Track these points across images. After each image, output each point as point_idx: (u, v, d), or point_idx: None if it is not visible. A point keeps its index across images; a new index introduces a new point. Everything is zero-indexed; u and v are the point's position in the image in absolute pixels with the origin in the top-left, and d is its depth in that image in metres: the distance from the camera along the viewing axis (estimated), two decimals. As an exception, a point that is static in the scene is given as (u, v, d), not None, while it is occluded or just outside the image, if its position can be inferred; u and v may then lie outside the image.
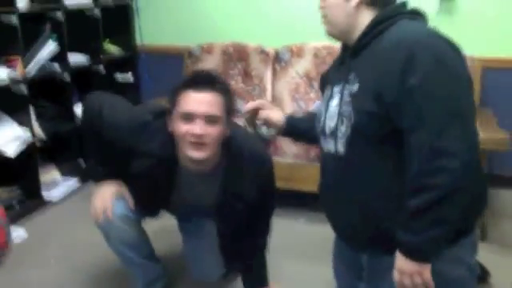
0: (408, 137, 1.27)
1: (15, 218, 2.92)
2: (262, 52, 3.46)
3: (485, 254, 1.86)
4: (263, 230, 2.05)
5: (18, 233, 2.78)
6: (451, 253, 1.35)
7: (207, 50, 3.56)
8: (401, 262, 1.32)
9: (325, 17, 1.45)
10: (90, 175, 2.18)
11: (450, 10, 3.23)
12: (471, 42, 3.15)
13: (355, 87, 1.35)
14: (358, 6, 1.38)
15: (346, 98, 1.37)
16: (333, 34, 1.46)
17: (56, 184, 3.33)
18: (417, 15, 1.40)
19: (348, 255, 1.62)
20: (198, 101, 1.69)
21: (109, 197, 1.97)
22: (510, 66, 3.19)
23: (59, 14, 3.20)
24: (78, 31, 3.38)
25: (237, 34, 3.56)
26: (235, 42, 3.53)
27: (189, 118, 1.70)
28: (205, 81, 1.73)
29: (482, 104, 3.14)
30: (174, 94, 1.75)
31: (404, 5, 1.43)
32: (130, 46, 3.91)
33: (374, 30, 1.36)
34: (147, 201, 2.00)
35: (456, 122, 1.23)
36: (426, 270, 1.30)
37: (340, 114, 1.39)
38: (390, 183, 1.36)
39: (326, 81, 1.55)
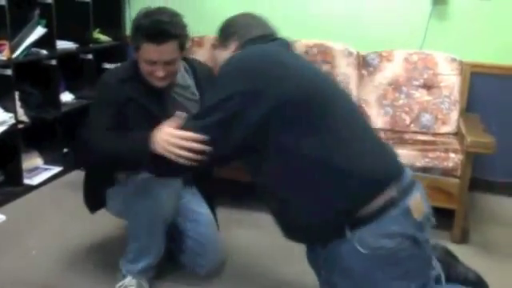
0: None
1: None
2: (253, 47, 3.44)
3: (467, 257, 1.87)
4: None
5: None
6: (376, 228, 1.43)
7: (198, 43, 3.53)
8: None
9: None
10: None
11: (442, 14, 3.24)
12: (461, 47, 3.20)
13: None
14: None
15: None
16: None
17: (38, 171, 3.30)
18: None
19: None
20: (159, 51, 1.94)
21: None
22: (498, 72, 3.22)
23: (49, -1, 3.16)
24: (67, 17, 3.33)
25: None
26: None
27: (152, 63, 1.97)
28: (164, 34, 1.94)
29: (470, 109, 3.17)
30: (137, 39, 1.97)
31: None
32: (120, 36, 3.88)
33: None
34: None
35: None
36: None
37: None
38: None
39: None
